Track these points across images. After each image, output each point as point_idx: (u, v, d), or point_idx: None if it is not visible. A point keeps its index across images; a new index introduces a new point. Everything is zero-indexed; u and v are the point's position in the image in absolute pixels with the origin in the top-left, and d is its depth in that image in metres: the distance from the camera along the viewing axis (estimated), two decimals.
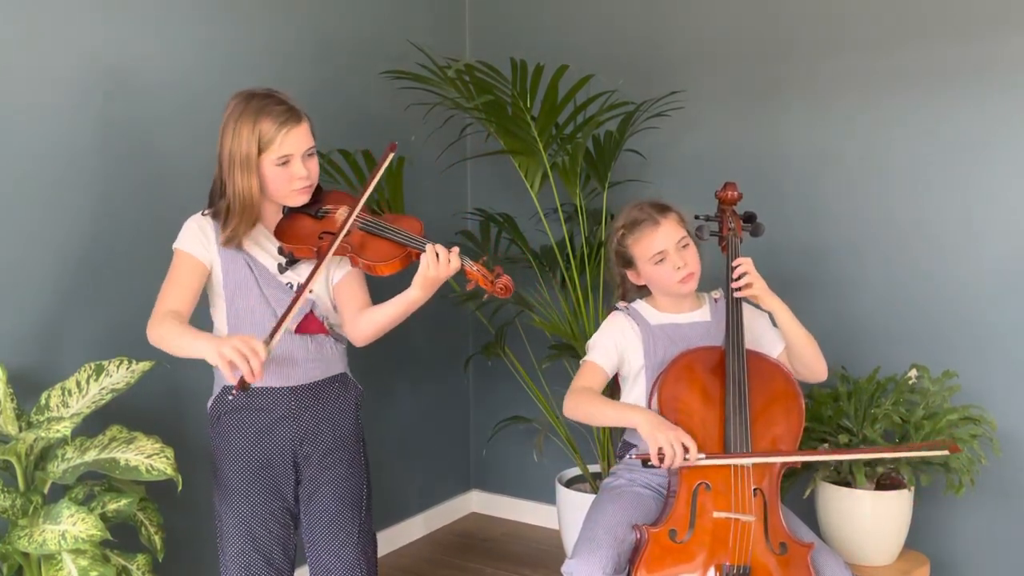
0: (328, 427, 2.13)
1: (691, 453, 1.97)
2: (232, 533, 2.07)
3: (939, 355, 2.74)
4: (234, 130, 1.98)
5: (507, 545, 3.47)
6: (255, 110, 1.98)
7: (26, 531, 1.92)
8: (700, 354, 2.17)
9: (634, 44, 3.26)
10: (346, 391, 2.18)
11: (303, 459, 2.11)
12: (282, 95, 2.03)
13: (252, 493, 2.07)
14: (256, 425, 2.07)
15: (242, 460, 2.07)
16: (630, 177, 3.21)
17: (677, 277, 2.22)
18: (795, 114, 2.98)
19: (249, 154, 1.97)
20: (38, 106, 2.28)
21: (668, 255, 2.22)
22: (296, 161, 2.01)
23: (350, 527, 2.13)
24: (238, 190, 1.98)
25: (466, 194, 3.68)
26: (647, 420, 2.03)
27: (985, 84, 2.68)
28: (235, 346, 1.78)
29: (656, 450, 1.97)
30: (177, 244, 2.05)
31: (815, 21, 2.92)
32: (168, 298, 2.00)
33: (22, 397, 2.17)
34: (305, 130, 2.02)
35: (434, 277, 1.96)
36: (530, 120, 2.83)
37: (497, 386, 3.65)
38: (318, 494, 2.12)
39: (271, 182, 2.01)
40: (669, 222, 2.23)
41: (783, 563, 2.00)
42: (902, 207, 2.83)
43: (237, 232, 2.01)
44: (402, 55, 3.13)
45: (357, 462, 2.19)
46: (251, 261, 2.05)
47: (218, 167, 2.03)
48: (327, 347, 2.12)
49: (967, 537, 2.81)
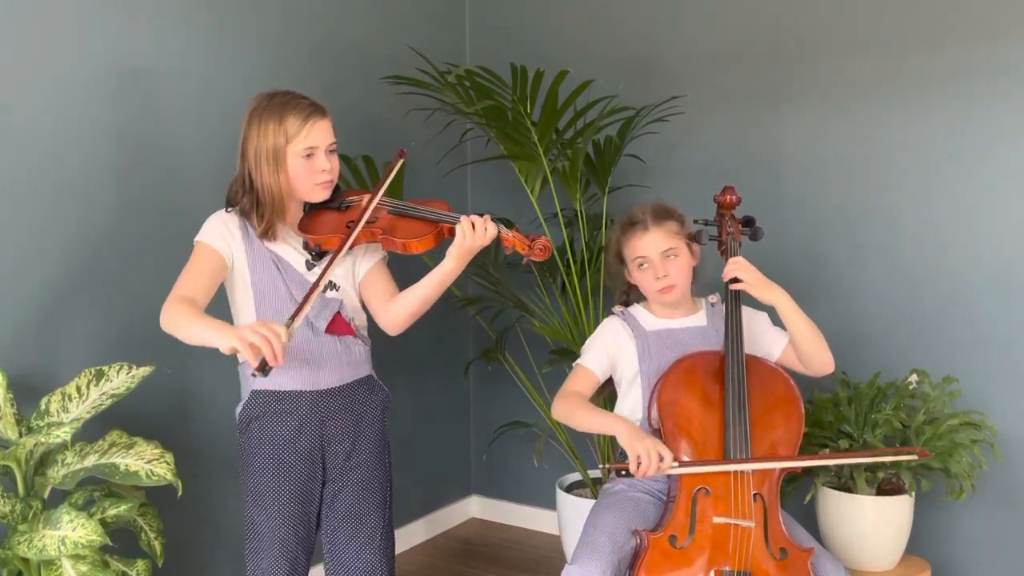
0: (355, 429, 2.14)
1: (665, 462, 1.99)
2: (267, 538, 2.06)
3: (940, 360, 2.74)
4: (259, 126, 2.00)
5: (507, 550, 3.46)
6: (280, 105, 2.01)
7: (26, 536, 1.92)
8: (700, 358, 2.17)
9: (634, 49, 3.26)
10: (373, 393, 2.19)
11: (330, 460, 2.12)
12: (303, 94, 2.07)
13: (283, 497, 2.07)
14: (286, 429, 2.07)
15: (273, 465, 2.07)
16: (630, 182, 3.21)
17: (656, 286, 2.24)
18: (794, 119, 2.98)
19: (277, 146, 1.99)
20: (41, 109, 2.29)
21: (651, 263, 2.23)
22: (320, 154, 2.04)
23: (373, 529, 2.14)
24: (266, 182, 2.01)
25: (466, 199, 3.68)
26: (626, 430, 2.06)
27: (986, 89, 2.68)
28: (256, 330, 1.78)
29: (635, 458, 1.99)
30: (199, 237, 2.05)
31: (815, 26, 2.93)
32: (183, 284, 1.99)
33: (22, 402, 2.17)
34: (329, 125, 2.06)
35: (470, 246, 2.01)
36: (530, 125, 2.83)
37: (497, 391, 3.65)
38: (342, 495, 2.13)
39: (295, 175, 2.03)
40: (659, 231, 2.24)
41: (783, 568, 1.99)
42: (902, 212, 2.83)
43: (273, 223, 2.04)
44: (402, 60, 3.14)
45: (383, 464, 2.20)
46: (277, 259, 2.06)
47: (241, 164, 2.05)
48: (355, 349, 2.13)
49: (968, 542, 2.81)
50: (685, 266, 2.25)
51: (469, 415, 3.80)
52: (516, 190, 3.21)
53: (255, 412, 2.07)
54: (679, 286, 2.24)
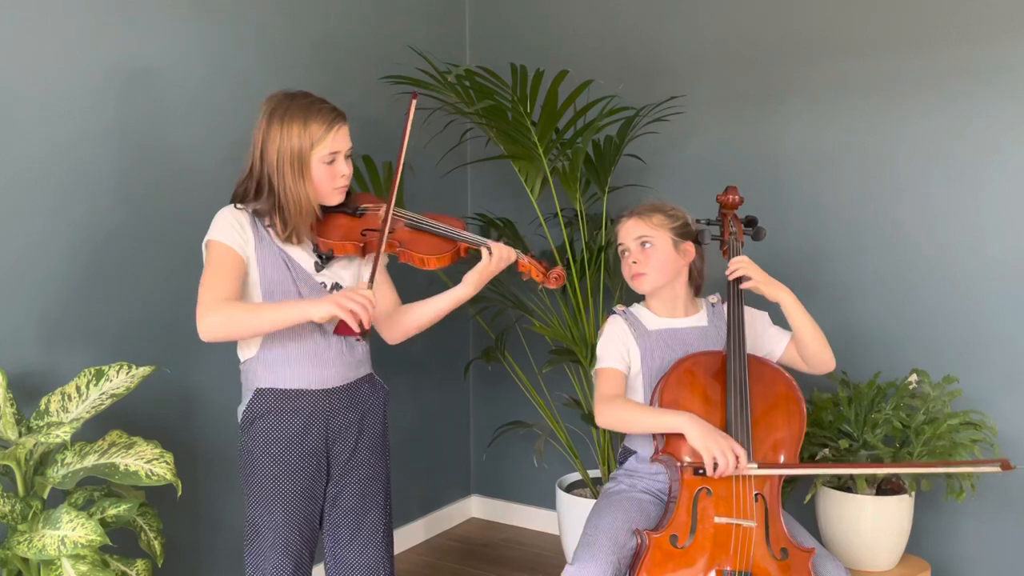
0: (359, 426, 2.14)
1: (742, 461, 1.97)
2: (268, 539, 2.05)
3: (940, 360, 2.74)
4: (283, 127, 1.96)
5: (507, 550, 3.46)
6: (303, 108, 1.99)
7: (25, 536, 1.92)
8: (702, 358, 2.17)
9: (634, 49, 3.27)
10: (375, 391, 2.20)
11: (334, 458, 2.12)
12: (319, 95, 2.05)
13: (288, 497, 2.06)
14: (293, 427, 2.05)
15: (279, 464, 2.05)
16: (630, 182, 3.21)
17: (628, 273, 2.28)
18: (796, 118, 2.98)
19: (302, 150, 1.97)
20: (41, 109, 2.28)
21: (628, 249, 2.27)
22: (340, 159, 2.03)
23: (375, 526, 2.15)
24: (291, 188, 1.98)
25: (466, 199, 3.68)
26: (695, 427, 2.00)
27: (986, 89, 2.68)
28: (352, 297, 1.88)
29: (711, 459, 1.96)
30: (213, 236, 1.99)
31: (815, 26, 2.93)
32: (215, 288, 1.94)
33: (22, 402, 2.17)
34: (348, 130, 2.05)
35: (491, 272, 2.08)
36: (530, 125, 2.83)
37: (497, 391, 3.65)
38: (345, 493, 2.13)
39: (318, 180, 2.01)
40: (640, 220, 2.25)
41: (784, 568, 1.99)
42: (903, 212, 2.83)
43: (299, 228, 2.02)
44: (402, 60, 3.14)
45: (384, 462, 2.21)
46: (287, 258, 2.04)
47: (258, 166, 2.00)
48: (358, 348, 2.14)
49: (968, 542, 2.81)
50: (662, 258, 2.23)
51: (469, 415, 3.80)
52: (516, 190, 3.20)
53: (260, 410, 2.05)
54: (650, 276, 2.24)
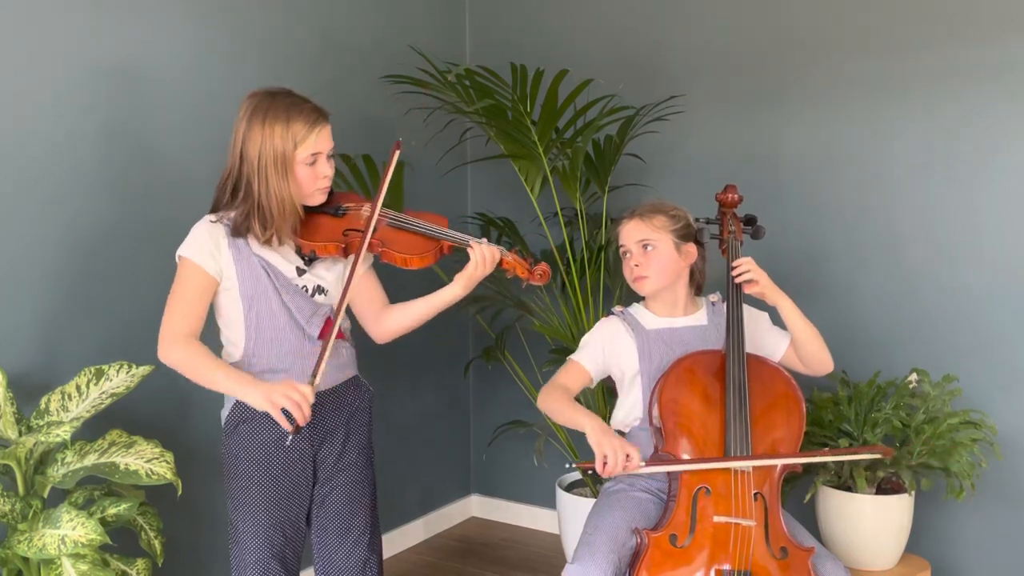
0: (346, 428, 2.14)
1: (632, 461, 1.99)
2: (251, 544, 2.03)
3: (940, 359, 2.74)
4: (264, 127, 1.93)
5: (507, 550, 3.46)
6: (284, 108, 1.95)
7: (26, 535, 1.92)
8: (701, 357, 2.17)
9: (634, 49, 3.27)
10: (360, 393, 2.19)
11: (321, 462, 2.11)
12: (301, 93, 2.02)
13: (272, 501, 2.04)
14: (277, 431, 2.02)
15: (263, 469, 2.04)
16: (630, 181, 3.21)
17: (629, 275, 2.27)
18: (795, 118, 2.98)
19: (285, 151, 1.94)
20: (38, 109, 2.29)
21: (629, 252, 2.26)
22: (322, 160, 2.00)
23: (362, 527, 2.15)
24: (274, 191, 1.95)
25: (466, 198, 3.68)
26: (594, 428, 2.04)
27: (986, 88, 2.68)
28: (285, 394, 1.85)
29: (601, 457, 1.99)
30: (185, 252, 1.97)
31: (815, 25, 2.93)
32: (180, 316, 1.95)
33: (22, 401, 2.17)
34: (330, 130, 2.02)
35: (481, 274, 2.06)
36: (530, 124, 2.83)
37: (497, 390, 3.65)
38: (333, 495, 2.12)
39: (302, 180, 1.99)
40: (641, 222, 2.25)
41: (784, 568, 1.99)
42: (903, 211, 2.83)
43: (281, 230, 1.98)
44: (402, 59, 3.14)
45: (369, 464, 2.20)
46: (267, 266, 2.01)
47: (237, 167, 1.97)
48: (343, 351, 2.13)
49: (968, 541, 2.81)
50: (664, 260, 2.23)
51: (469, 414, 3.80)
52: (516, 189, 3.21)
53: (245, 415, 2.04)
54: (651, 279, 2.24)
